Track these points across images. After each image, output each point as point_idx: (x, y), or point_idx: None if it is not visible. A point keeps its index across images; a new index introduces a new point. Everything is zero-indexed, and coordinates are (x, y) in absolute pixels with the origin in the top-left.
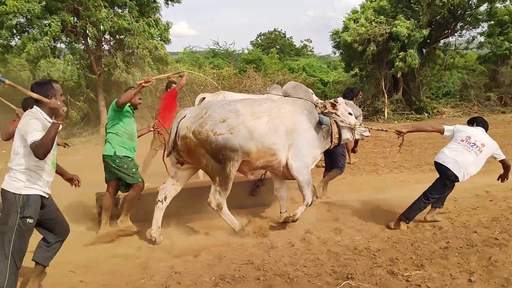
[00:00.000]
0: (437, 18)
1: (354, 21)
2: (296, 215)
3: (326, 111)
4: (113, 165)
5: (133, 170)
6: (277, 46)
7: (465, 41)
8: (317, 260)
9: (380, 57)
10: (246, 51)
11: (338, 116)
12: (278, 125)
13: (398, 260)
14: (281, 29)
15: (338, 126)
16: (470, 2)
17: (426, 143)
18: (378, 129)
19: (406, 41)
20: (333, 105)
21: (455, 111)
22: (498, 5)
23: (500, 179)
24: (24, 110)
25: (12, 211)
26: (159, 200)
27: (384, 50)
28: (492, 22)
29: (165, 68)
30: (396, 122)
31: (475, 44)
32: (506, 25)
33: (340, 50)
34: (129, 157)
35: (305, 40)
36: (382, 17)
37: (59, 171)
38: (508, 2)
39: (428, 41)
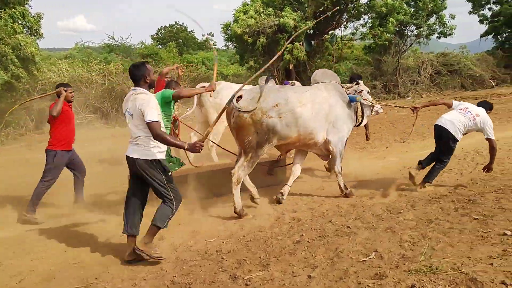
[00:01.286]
0: (322, 9)
1: (244, 13)
2: (341, 185)
3: (349, 91)
4: None
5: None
6: (179, 40)
7: (350, 33)
8: (160, 271)
9: (270, 49)
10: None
11: (362, 96)
12: (318, 111)
13: (246, 261)
14: (182, 23)
15: (361, 105)
16: None
17: None
18: (396, 106)
19: (293, 33)
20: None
21: None
22: None
23: (485, 170)
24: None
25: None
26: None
27: (274, 42)
28: (373, 14)
29: (33, 67)
30: None
31: (359, 35)
32: (385, 17)
33: (232, 43)
34: None
35: (207, 33)
36: (270, 9)
37: None
38: None
39: (317, 32)
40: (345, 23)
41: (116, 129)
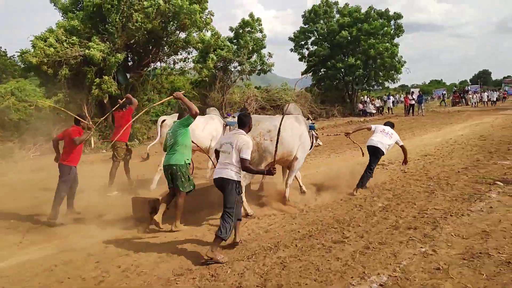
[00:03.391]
0: (133, 42)
1: (45, 41)
2: (286, 197)
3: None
4: (180, 173)
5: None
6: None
7: (169, 67)
8: None
9: (77, 81)
10: None
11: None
12: (295, 134)
13: None
14: (1, 46)
15: (313, 134)
16: (168, 29)
17: None
18: (335, 135)
19: (102, 65)
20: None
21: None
22: (194, 34)
23: (403, 163)
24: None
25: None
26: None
27: (81, 74)
28: (193, 49)
29: None
30: (105, 150)
31: (179, 70)
32: (206, 53)
33: (31, 73)
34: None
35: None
36: (74, 38)
37: None
38: (207, 31)
39: (135, 64)
40: (164, 57)
41: None
